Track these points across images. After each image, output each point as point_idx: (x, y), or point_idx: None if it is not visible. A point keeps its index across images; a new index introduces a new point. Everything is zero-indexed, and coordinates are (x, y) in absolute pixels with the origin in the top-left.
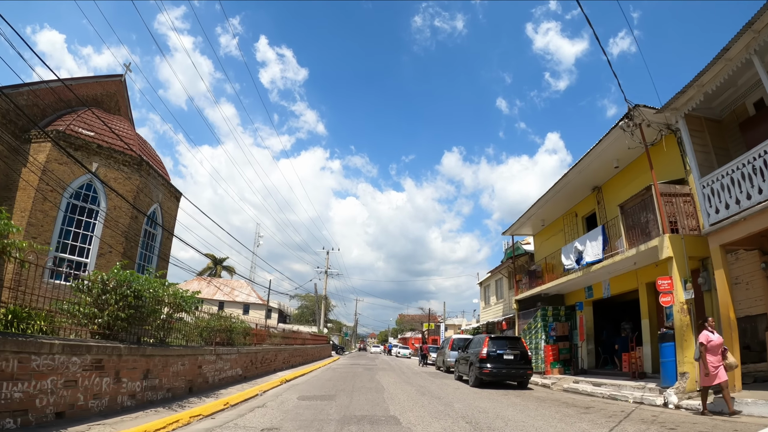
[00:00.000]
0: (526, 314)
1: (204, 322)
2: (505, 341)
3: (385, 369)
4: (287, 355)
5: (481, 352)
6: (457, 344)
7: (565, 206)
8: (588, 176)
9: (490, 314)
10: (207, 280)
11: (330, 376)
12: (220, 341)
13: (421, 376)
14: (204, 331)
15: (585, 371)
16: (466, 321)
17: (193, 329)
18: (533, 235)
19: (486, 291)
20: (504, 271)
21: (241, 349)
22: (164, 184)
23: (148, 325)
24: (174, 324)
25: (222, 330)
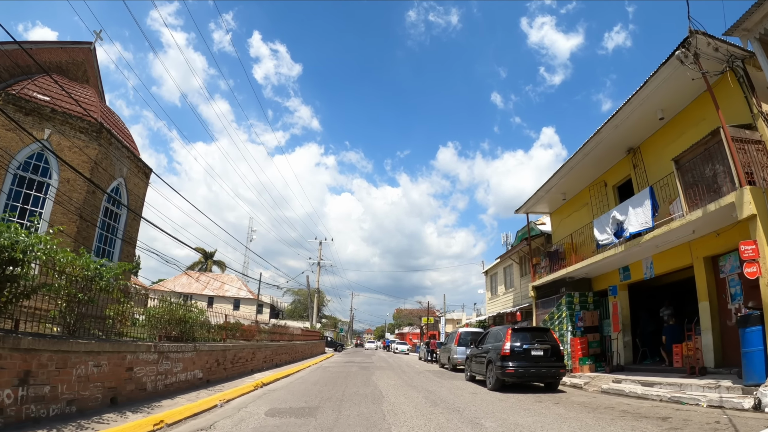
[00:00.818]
0: (546, 302)
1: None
2: (532, 333)
3: (383, 368)
4: (270, 353)
5: (503, 347)
6: (465, 339)
7: (592, 174)
8: (624, 133)
9: (498, 305)
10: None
11: (318, 377)
12: (168, 335)
13: (425, 376)
14: (152, 320)
15: (622, 368)
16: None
17: (121, 317)
18: (550, 213)
19: (492, 280)
20: (515, 256)
21: (201, 346)
22: (130, 157)
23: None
24: (82, 307)
25: (174, 322)
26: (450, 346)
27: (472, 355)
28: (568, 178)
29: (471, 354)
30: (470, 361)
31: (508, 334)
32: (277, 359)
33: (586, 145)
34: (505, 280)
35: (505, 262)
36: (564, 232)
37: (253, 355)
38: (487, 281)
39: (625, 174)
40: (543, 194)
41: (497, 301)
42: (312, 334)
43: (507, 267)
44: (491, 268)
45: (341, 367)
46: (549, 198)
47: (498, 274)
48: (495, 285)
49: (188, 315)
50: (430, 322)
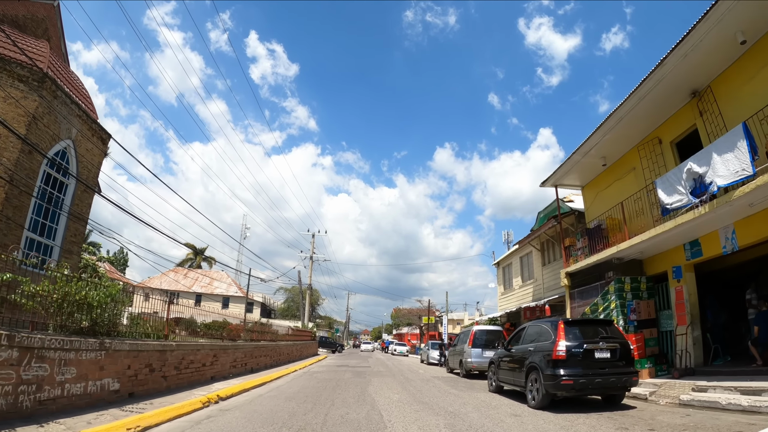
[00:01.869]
0: (584, 292)
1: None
2: (592, 328)
3: (382, 373)
4: (241, 356)
5: (555, 348)
6: (480, 339)
7: (642, 130)
8: (690, 68)
9: (513, 300)
10: (184, 271)
11: (299, 388)
12: (63, 324)
13: (435, 385)
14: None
15: (693, 371)
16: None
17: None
18: (582, 186)
19: (506, 273)
20: (535, 241)
21: (117, 343)
22: (82, 117)
23: None
24: None
25: (71, 305)
26: (462, 347)
27: (498, 359)
28: (613, 136)
29: (497, 358)
30: (496, 367)
31: (560, 330)
32: (254, 363)
33: (643, 85)
34: (522, 270)
35: (522, 250)
36: (601, 208)
37: (214, 358)
38: (499, 274)
39: (687, 125)
40: (579, 158)
41: (512, 296)
42: (303, 334)
43: (525, 256)
44: (504, 258)
45: (332, 373)
46: (583, 166)
47: (513, 264)
48: (509, 277)
49: (93, 295)
50: (431, 321)
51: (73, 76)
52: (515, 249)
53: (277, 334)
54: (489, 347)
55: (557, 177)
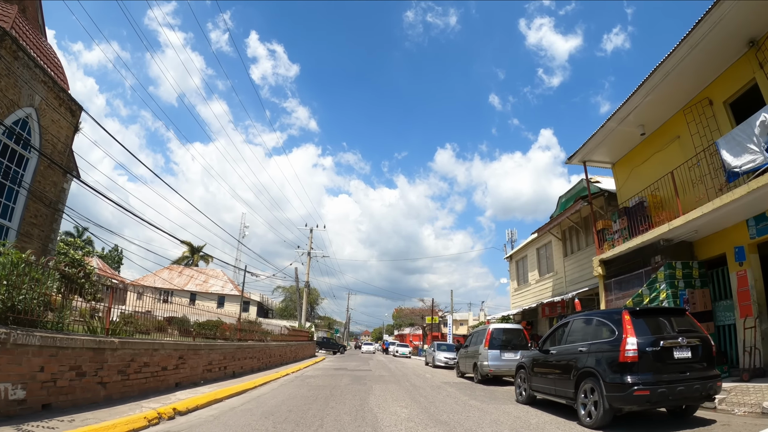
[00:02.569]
0: (624, 282)
1: None
2: (665, 319)
3: (384, 379)
4: (218, 357)
5: (623, 348)
6: (498, 339)
7: (688, 90)
8: (746, 13)
9: (529, 296)
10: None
11: (284, 398)
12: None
13: (450, 394)
14: None
15: (764, 371)
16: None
17: None
18: (612, 164)
19: (520, 267)
20: (555, 230)
21: (22, 336)
22: (48, 84)
23: None
24: None
25: None
26: (476, 349)
27: (531, 363)
28: (655, 98)
29: (529, 362)
30: (527, 373)
31: (626, 323)
32: (236, 366)
33: (696, 29)
34: (539, 263)
35: (539, 240)
36: (637, 186)
37: (180, 360)
38: (512, 268)
39: (743, 80)
40: (614, 126)
41: (527, 292)
42: (299, 335)
43: (542, 247)
44: (518, 251)
45: (327, 378)
46: (617, 137)
47: (528, 257)
48: (523, 272)
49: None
50: (434, 321)
51: (45, 45)
52: (531, 240)
53: (268, 333)
54: (508, 348)
55: (586, 151)
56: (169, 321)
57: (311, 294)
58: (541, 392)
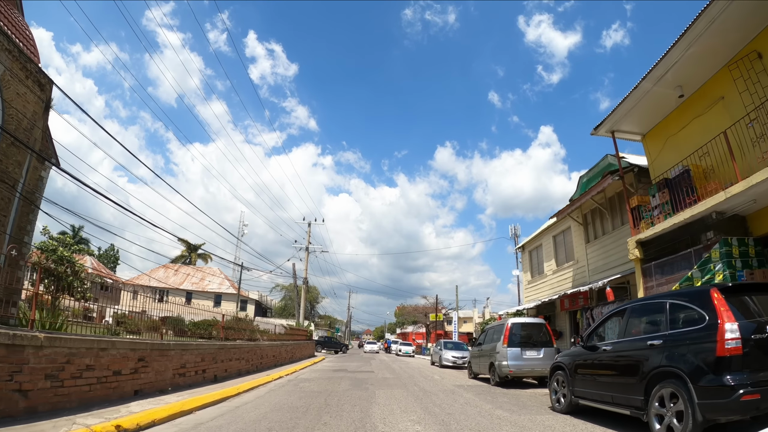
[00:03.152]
0: (668, 265)
1: None
2: (756, 297)
3: (389, 382)
4: (194, 359)
5: (721, 338)
6: (518, 335)
7: (734, 42)
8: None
9: (545, 289)
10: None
11: (269, 409)
12: None
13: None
14: None
15: None
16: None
17: None
18: (642, 135)
19: (533, 257)
20: (576, 213)
21: None
22: (12, 53)
23: None
24: None
25: None
26: (493, 347)
27: (573, 362)
28: (696, 51)
29: (570, 361)
30: (569, 375)
31: (720, 305)
32: (218, 369)
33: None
34: (556, 252)
35: (556, 227)
36: (674, 157)
37: (141, 362)
38: (525, 259)
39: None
40: (649, 87)
41: (543, 284)
42: (297, 334)
43: (560, 234)
44: (532, 239)
45: (324, 382)
46: (649, 102)
47: (543, 246)
48: (538, 262)
49: None
50: (439, 318)
51: (15, 16)
52: (547, 227)
53: (260, 332)
54: (529, 345)
55: (615, 119)
56: (163, 320)
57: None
58: (588, 399)
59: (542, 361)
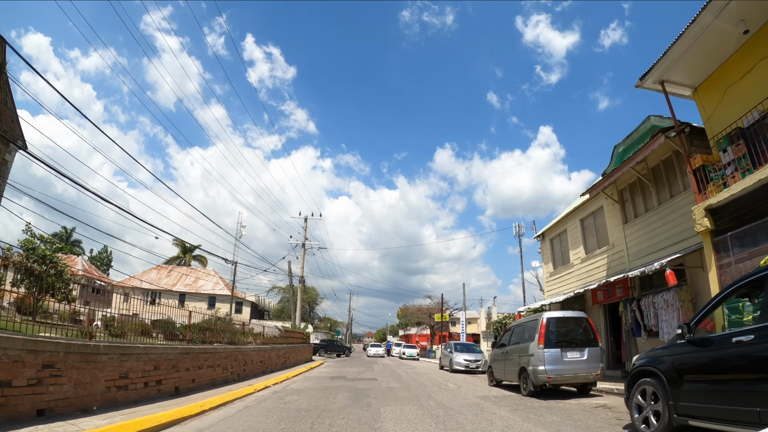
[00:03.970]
0: (748, 235)
1: None
2: None
3: (396, 394)
4: (144, 366)
5: None
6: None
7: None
8: None
9: (572, 280)
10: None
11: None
12: None
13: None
14: None
15: None
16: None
17: None
18: (694, 87)
19: (556, 245)
20: (610, 189)
21: None
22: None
23: None
24: None
25: None
26: (524, 348)
27: (679, 366)
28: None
29: (673, 364)
30: (671, 384)
31: None
32: (180, 379)
33: None
34: (584, 237)
35: (584, 208)
36: (737, 109)
37: (48, 371)
38: (545, 249)
39: None
40: (709, 20)
41: (569, 275)
42: (291, 336)
43: (588, 216)
44: (554, 225)
45: (317, 394)
46: (705, 44)
47: (569, 232)
48: (561, 251)
49: None
50: (445, 319)
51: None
52: (574, 208)
53: (245, 333)
54: (570, 345)
55: (667, 64)
56: (154, 324)
57: (309, 293)
58: (707, 418)
59: (586, 364)
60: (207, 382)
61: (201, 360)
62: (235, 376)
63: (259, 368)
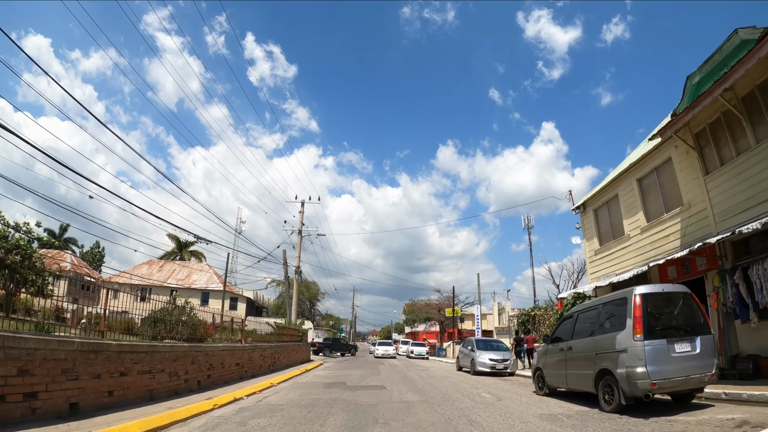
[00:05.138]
0: None
1: None
2: None
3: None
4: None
5: None
6: (656, 317)
7: None
8: None
9: (630, 255)
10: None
11: None
12: None
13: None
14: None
15: None
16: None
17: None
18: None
19: (602, 217)
20: (684, 133)
21: None
22: None
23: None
24: None
25: None
26: (610, 341)
27: None
28: None
29: None
30: None
31: None
32: (86, 393)
33: None
34: (644, 201)
35: (643, 165)
36: None
37: None
38: (587, 221)
39: None
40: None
41: (623, 251)
42: (283, 333)
43: (650, 174)
44: (599, 192)
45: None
46: None
47: (621, 197)
48: (611, 223)
49: None
50: (457, 314)
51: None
52: (628, 167)
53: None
54: (678, 335)
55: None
56: None
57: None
58: None
59: (699, 360)
60: (138, 394)
61: (126, 362)
62: (192, 384)
63: (233, 373)
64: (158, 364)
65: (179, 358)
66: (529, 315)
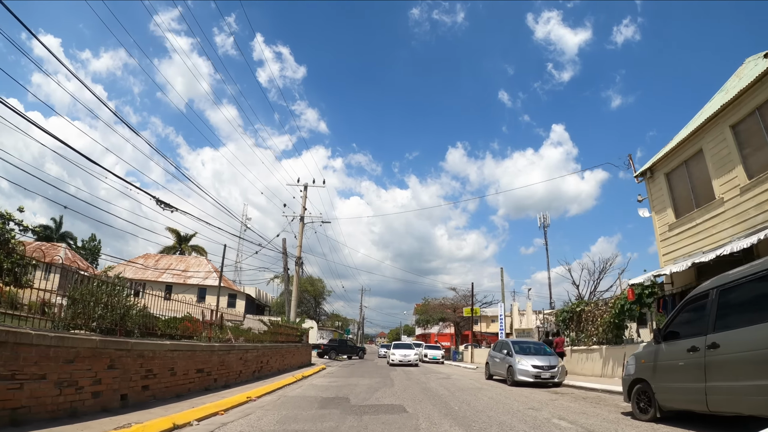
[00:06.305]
0: None
1: None
2: None
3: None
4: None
5: None
6: None
7: None
8: None
9: (725, 225)
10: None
11: None
12: None
13: None
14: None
15: None
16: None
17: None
18: None
19: (678, 181)
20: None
21: None
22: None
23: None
24: None
25: None
26: None
27: None
28: None
29: None
30: None
31: None
32: None
33: None
34: (741, 152)
35: (741, 105)
36: None
37: None
38: (656, 190)
39: None
40: None
41: (715, 219)
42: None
43: (751, 115)
44: (674, 150)
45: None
46: None
47: (705, 153)
48: (693, 186)
49: None
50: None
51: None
52: (724, 106)
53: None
54: None
55: None
56: None
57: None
58: None
59: None
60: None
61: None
62: (109, 400)
63: (191, 383)
64: (32, 367)
65: (81, 358)
66: (573, 311)
